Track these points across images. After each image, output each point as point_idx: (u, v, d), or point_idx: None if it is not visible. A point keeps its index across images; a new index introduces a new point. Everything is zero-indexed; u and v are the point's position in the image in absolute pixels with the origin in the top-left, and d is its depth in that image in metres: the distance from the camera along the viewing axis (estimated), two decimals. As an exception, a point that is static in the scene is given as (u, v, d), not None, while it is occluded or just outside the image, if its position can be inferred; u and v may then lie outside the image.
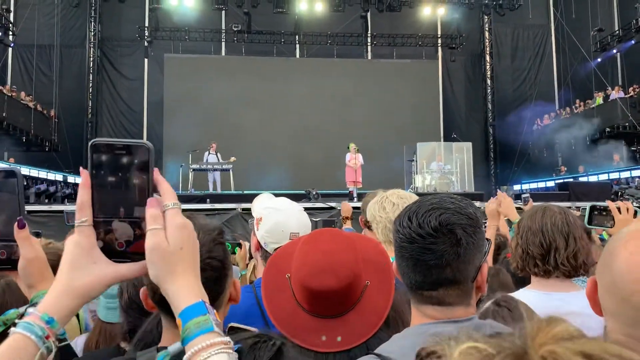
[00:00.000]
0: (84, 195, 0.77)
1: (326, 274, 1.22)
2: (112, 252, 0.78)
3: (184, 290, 0.75)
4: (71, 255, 0.77)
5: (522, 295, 1.88)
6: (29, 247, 1.03)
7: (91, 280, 0.76)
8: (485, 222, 3.57)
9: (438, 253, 1.08)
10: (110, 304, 1.93)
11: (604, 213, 2.21)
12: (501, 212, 3.36)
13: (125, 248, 0.78)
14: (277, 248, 1.72)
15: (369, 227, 2.36)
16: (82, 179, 0.77)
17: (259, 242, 1.86)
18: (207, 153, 14.46)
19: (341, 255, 1.26)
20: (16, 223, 0.98)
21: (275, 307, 1.29)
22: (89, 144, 0.77)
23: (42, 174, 14.79)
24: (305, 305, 1.26)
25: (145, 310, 1.18)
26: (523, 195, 4.30)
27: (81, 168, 0.78)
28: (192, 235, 0.79)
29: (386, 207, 2.13)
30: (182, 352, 0.73)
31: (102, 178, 0.77)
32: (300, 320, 1.26)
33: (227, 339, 0.73)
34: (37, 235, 4.33)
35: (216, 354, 0.70)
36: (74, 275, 0.76)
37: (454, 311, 1.12)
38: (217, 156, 14.41)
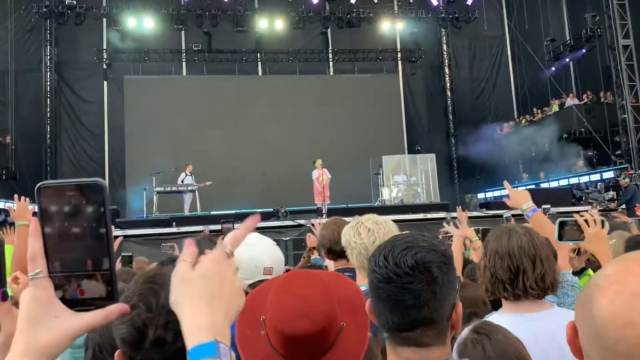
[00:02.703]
0: (35, 244, 0.71)
1: (301, 319, 1.20)
2: (72, 301, 0.72)
3: (196, 325, 0.71)
4: (29, 312, 0.71)
5: (495, 319, 1.90)
6: (11, 320, 0.95)
7: (55, 336, 0.71)
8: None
9: (415, 292, 1.08)
10: (76, 353, 1.84)
11: (574, 227, 2.22)
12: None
13: (86, 295, 0.72)
14: (252, 284, 1.69)
15: (333, 259, 2.34)
16: (31, 227, 0.72)
17: None
18: (183, 174, 14.13)
19: (316, 299, 1.25)
20: None
21: (249, 352, 1.26)
22: (36, 188, 0.71)
23: (0, 204, 14.32)
24: (281, 350, 1.23)
25: None
26: (505, 216, 4.46)
27: (30, 216, 0.73)
28: (225, 271, 0.77)
29: (361, 232, 2.11)
30: None
31: (57, 224, 0.71)
32: None
33: None
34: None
35: None
36: (35, 333, 0.70)
37: (431, 352, 1.10)
38: (192, 178, 14.08)
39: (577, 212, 2.28)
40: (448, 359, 1.11)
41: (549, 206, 4.51)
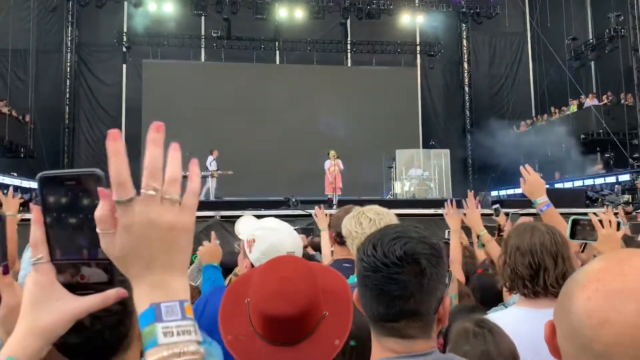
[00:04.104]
0: (37, 231, 0.74)
1: (281, 299, 1.21)
2: (74, 285, 0.76)
3: (138, 293, 0.68)
4: (32, 295, 0.75)
5: (510, 312, 1.92)
6: (12, 294, 1.00)
7: (55, 317, 0.74)
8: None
9: (402, 283, 1.07)
10: None
11: (588, 227, 2.18)
12: (466, 223, 3.33)
13: (87, 279, 0.75)
14: None
15: (340, 243, 2.35)
16: (33, 215, 0.75)
17: (252, 265, 1.83)
18: (211, 158, 14.21)
19: (298, 282, 1.25)
20: (0, 269, 0.96)
21: (229, 329, 1.27)
22: (37, 177, 0.74)
23: (17, 181, 14.52)
24: (260, 331, 1.24)
25: None
26: (494, 207, 4.28)
27: (31, 204, 0.77)
28: (148, 231, 0.67)
29: (363, 222, 2.11)
30: None
31: (55, 213, 0.74)
32: (254, 345, 1.24)
33: (180, 349, 0.63)
34: None
35: None
36: (36, 315, 0.74)
37: (415, 344, 1.10)
38: (216, 164, 14.13)
39: (594, 213, 2.22)
40: (432, 352, 1.11)
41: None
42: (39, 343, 0.74)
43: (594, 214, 2.21)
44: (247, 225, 1.94)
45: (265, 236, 1.84)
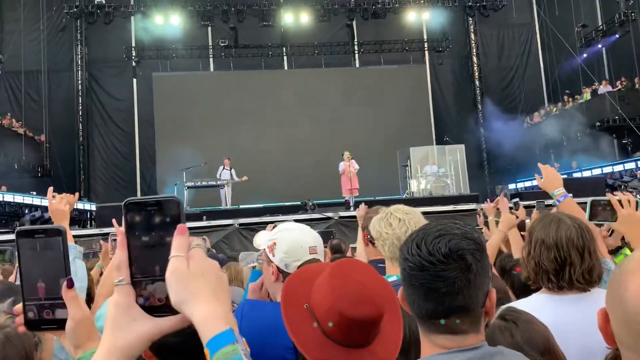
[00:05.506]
0: (122, 255, 0.81)
1: (366, 303, 1.23)
2: (152, 308, 0.81)
3: (211, 317, 0.75)
4: (112, 316, 0.80)
5: (534, 300, 1.88)
6: (77, 307, 1.03)
7: (133, 338, 0.79)
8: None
9: (450, 280, 1.07)
10: None
11: (607, 208, 2.15)
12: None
13: (164, 302, 0.80)
14: (301, 265, 1.71)
15: (373, 244, 2.33)
16: (118, 239, 0.81)
17: (278, 268, 1.83)
18: (221, 168, 14.27)
19: (374, 285, 1.28)
20: (65, 283, 1.00)
21: (302, 338, 1.28)
22: (123, 203, 0.81)
23: (37, 200, 14.71)
24: (336, 336, 1.25)
25: None
26: (513, 200, 4.26)
27: (116, 227, 0.81)
28: (215, 268, 0.80)
29: (392, 223, 2.09)
30: None
31: (138, 236, 0.81)
32: (330, 350, 1.25)
33: None
34: None
35: None
36: (116, 335, 0.79)
37: (466, 339, 1.11)
38: (231, 173, 14.17)
39: (613, 194, 2.20)
40: (482, 345, 1.11)
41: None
42: None
43: (613, 194, 2.19)
44: (263, 235, 1.97)
45: (284, 237, 1.86)
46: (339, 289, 1.26)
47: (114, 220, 2.46)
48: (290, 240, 1.83)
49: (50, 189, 2.49)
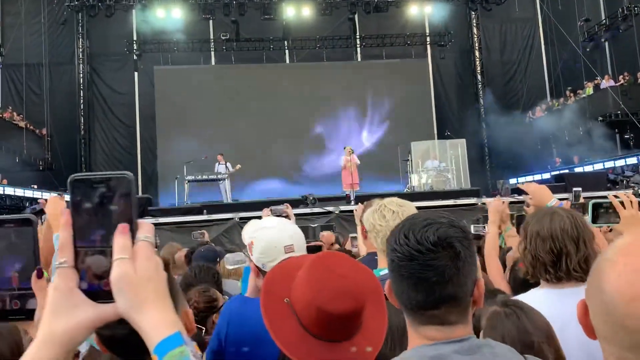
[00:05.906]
0: (65, 235, 0.74)
1: (345, 297, 1.22)
2: (96, 294, 0.75)
3: (157, 322, 0.71)
4: (51, 301, 0.74)
5: (534, 294, 1.89)
6: (46, 297, 1.02)
7: (73, 325, 0.72)
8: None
9: (439, 269, 1.06)
10: None
11: (610, 210, 2.15)
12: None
13: (108, 289, 0.74)
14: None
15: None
16: (63, 219, 0.74)
17: (257, 267, 1.84)
18: (217, 164, 14.27)
19: (354, 277, 1.27)
20: (34, 273, 0.96)
21: (281, 334, 1.27)
22: (68, 180, 0.75)
23: (37, 193, 14.73)
24: (315, 330, 1.24)
25: None
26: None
27: (63, 208, 0.77)
28: (160, 268, 0.75)
29: (386, 215, 2.08)
30: None
31: (84, 214, 0.74)
32: (309, 345, 1.25)
33: None
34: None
35: None
36: (55, 322, 0.72)
37: (454, 331, 1.09)
38: (226, 166, 14.15)
39: (614, 195, 2.20)
40: (469, 337, 1.10)
41: (580, 189, 4.31)
42: (55, 351, 0.72)
43: (615, 196, 2.19)
44: (247, 231, 1.96)
45: (260, 236, 1.86)
46: (318, 282, 1.26)
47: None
48: (265, 241, 1.83)
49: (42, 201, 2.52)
